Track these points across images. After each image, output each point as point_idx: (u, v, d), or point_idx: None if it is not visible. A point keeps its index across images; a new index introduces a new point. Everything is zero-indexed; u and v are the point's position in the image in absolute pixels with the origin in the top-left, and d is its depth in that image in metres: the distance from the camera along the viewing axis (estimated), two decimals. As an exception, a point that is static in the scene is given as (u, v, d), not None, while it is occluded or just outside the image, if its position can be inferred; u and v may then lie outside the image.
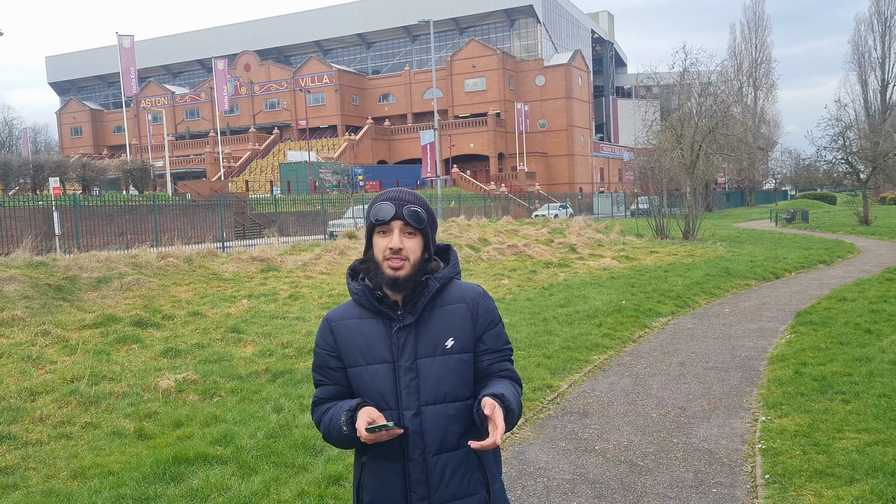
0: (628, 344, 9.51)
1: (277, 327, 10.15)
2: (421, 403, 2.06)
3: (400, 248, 2.06)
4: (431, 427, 2.06)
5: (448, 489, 2.07)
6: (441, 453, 2.06)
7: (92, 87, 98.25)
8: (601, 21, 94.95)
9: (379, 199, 2.12)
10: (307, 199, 33.86)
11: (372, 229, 2.12)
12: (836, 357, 7.80)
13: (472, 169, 69.31)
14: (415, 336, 2.09)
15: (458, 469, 2.08)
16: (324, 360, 2.18)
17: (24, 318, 9.85)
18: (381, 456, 2.09)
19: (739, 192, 77.15)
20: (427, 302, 2.10)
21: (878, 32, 72.51)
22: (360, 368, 2.11)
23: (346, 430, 2.01)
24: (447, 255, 2.22)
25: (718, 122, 30.21)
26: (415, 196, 2.13)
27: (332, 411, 2.10)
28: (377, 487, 2.10)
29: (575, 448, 5.67)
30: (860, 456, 5.00)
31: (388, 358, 2.09)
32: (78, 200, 21.51)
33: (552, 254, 20.86)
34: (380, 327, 2.12)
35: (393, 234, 2.07)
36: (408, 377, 2.07)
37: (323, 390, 2.18)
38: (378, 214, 2.08)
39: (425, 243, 2.12)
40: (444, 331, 2.10)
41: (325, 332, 2.18)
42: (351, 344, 2.13)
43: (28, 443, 5.67)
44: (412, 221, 2.06)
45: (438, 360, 2.08)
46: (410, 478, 2.06)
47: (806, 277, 16.54)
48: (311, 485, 4.75)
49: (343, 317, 2.18)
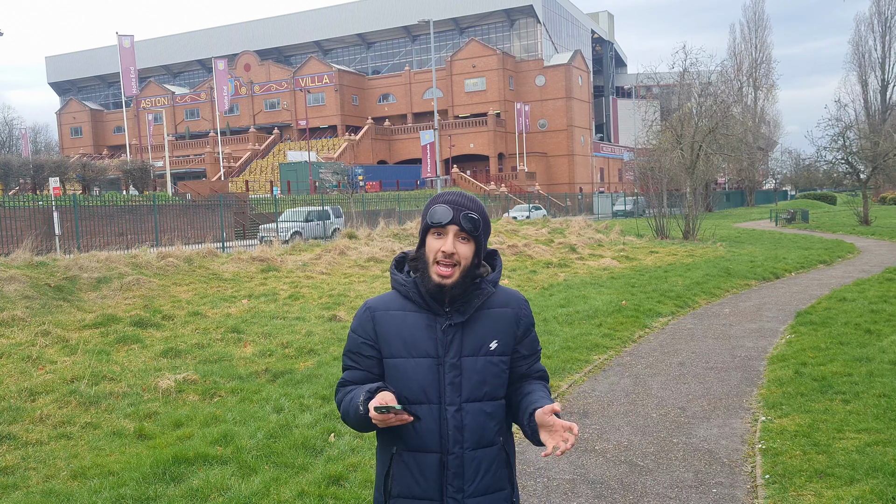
0: (628, 344, 9.51)
1: (277, 327, 10.15)
2: (462, 400, 2.13)
3: (453, 252, 2.10)
4: (472, 423, 2.13)
5: (481, 483, 2.14)
6: (478, 449, 2.13)
7: (92, 87, 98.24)
8: (601, 21, 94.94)
9: (436, 201, 2.16)
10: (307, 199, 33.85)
11: (427, 229, 2.15)
12: (837, 357, 7.80)
13: (472, 169, 69.30)
14: (461, 335, 2.15)
15: (492, 465, 2.16)
16: (358, 347, 2.21)
17: (24, 318, 9.85)
18: (417, 448, 2.13)
19: (739, 192, 77.13)
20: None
21: (878, 32, 72.49)
22: (401, 360, 2.15)
23: (361, 409, 2.04)
24: (493, 261, 2.28)
25: (718, 122, 30.20)
26: (473, 202, 2.15)
27: (355, 392, 2.14)
28: (410, 478, 2.14)
29: (575, 448, 5.67)
30: (860, 456, 5.00)
31: (432, 353, 2.14)
32: (78, 200, 21.52)
33: (552, 254, 20.86)
34: (425, 322, 2.16)
35: (448, 237, 2.11)
36: (452, 374, 2.12)
37: (351, 374, 2.22)
38: (435, 217, 2.11)
39: (477, 249, 2.16)
40: (489, 333, 2.17)
41: (366, 320, 2.20)
42: (395, 335, 2.16)
43: (28, 443, 5.67)
44: (467, 227, 2.10)
45: (482, 359, 2.15)
46: (448, 470, 2.11)
47: (806, 277, 16.54)
48: (311, 485, 4.75)
49: (387, 307, 2.21)
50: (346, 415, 2.15)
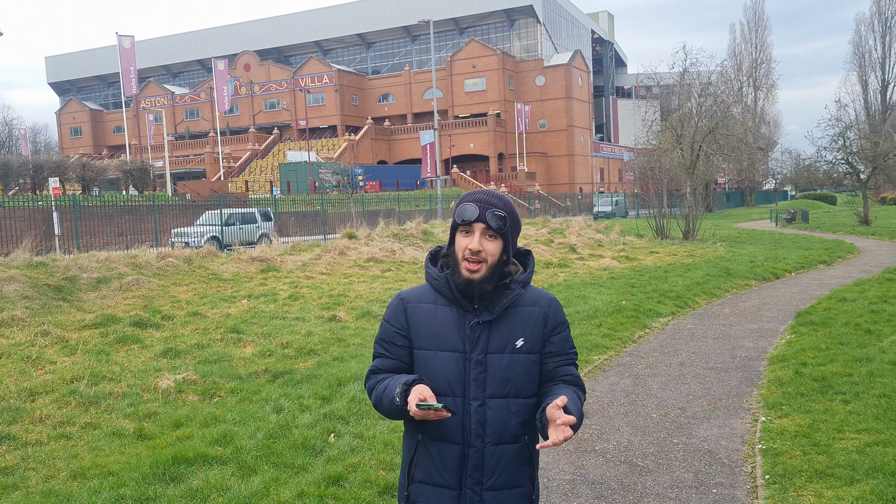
0: (628, 344, 9.51)
1: (277, 327, 10.14)
2: (486, 395, 2.17)
3: (479, 251, 2.14)
4: (494, 419, 2.17)
5: (500, 478, 2.19)
6: (499, 444, 2.18)
7: (92, 88, 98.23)
8: (601, 21, 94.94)
9: (465, 199, 2.20)
10: (307, 199, 33.86)
11: (456, 227, 2.20)
12: (837, 357, 7.79)
13: (472, 169, 69.30)
14: (489, 332, 2.19)
15: (512, 461, 2.20)
16: (391, 336, 2.26)
17: (24, 319, 9.85)
18: (441, 438, 2.19)
19: (739, 192, 77.12)
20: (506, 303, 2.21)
21: (878, 33, 72.55)
22: (429, 352, 2.21)
23: (398, 401, 2.08)
24: (525, 260, 2.33)
25: (718, 122, 30.22)
26: (500, 199, 2.19)
27: (389, 382, 2.18)
28: (432, 466, 2.20)
29: (575, 448, 5.67)
30: (860, 456, 5.00)
31: (459, 348, 2.19)
32: (77, 201, 21.51)
33: (552, 254, 20.86)
34: (454, 317, 2.20)
35: (474, 235, 2.15)
36: (477, 369, 2.17)
37: (382, 362, 2.28)
38: (463, 215, 2.15)
39: (504, 246, 2.20)
40: (516, 331, 2.20)
41: (399, 310, 2.27)
42: (424, 327, 2.22)
43: (28, 443, 5.67)
44: (494, 225, 2.14)
45: (507, 357, 2.19)
46: (468, 463, 2.17)
47: (806, 278, 16.54)
48: (311, 485, 4.75)
49: (419, 299, 2.26)
50: (380, 403, 2.19)
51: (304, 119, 68.80)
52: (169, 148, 54.41)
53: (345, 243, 19.85)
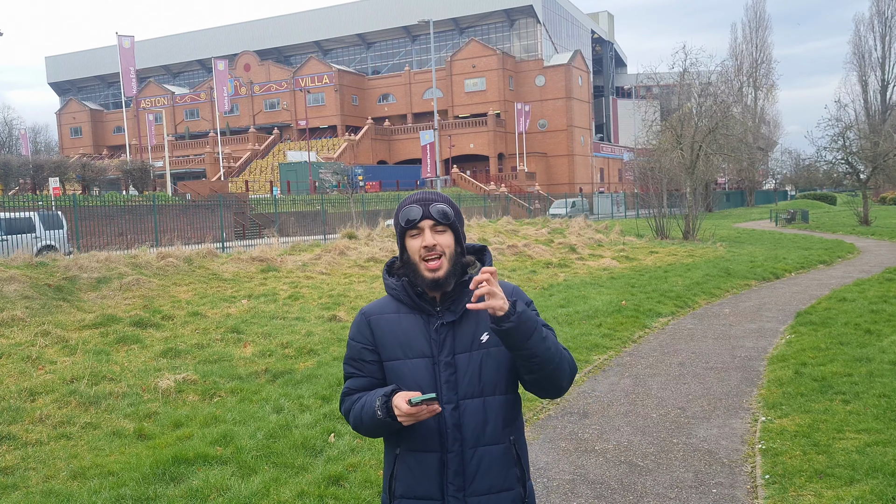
0: (628, 344, 9.51)
1: (277, 327, 10.14)
2: (459, 397, 2.13)
3: (434, 245, 2.13)
4: (469, 420, 2.13)
5: (484, 482, 2.13)
6: (478, 447, 2.13)
7: (92, 88, 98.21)
8: (601, 21, 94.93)
9: (405, 204, 2.19)
10: (307, 199, 33.86)
11: (404, 233, 2.18)
12: (837, 357, 7.80)
13: (472, 169, 69.26)
14: (453, 333, 2.16)
15: (495, 463, 2.14)
16: (359, 353, 2.23)
17: (24, 319, 9.85)
18: (417, 448, 2.15)
19: (739, 192, 77.10)
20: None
21: (878, 33, 72.49)
22: (398, 362, 2.17)
23: (380, 414, 2.05)
24: (482, 256, 2.29)
25: (718, 122, 30.20)
26: (438, 195, 2.21)
27: (366, 399, 2.15)
28: (412, 478, 2.16)
29: (575, 448, 5.67)
30: (860, 456, 5.00)
31: (427, 353, 2.16)
32: (78, 201, 21.51)
33: (552, 254, 20.86)
34: (419, 322, 2.18)
35: (424, 232, 2.14)
36: (447, 372, 2.13)
37: (355, 381, 2.24)
38: (408, 216, 2.15)
39: (456, 237, 2.19)
40: (480, 326, 2.16)
41: (363, 325, 2.24)
42: (390, 338, 2.19)
43: (28, 443, 5.67)
44: (440, 218, 2.14)
45: (475, 354, 2.15)
46: (448, 469, 2.12)
47: (806, 278, 16.54)
48: (311, 485, 4.75)
49: (381, 311, 2.24)
50: (360, 421, 2.15)
51: (304, 119, 68.78)
52: (169, 148, 54.40)
53: (345, 243, 19.86)
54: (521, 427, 2.25)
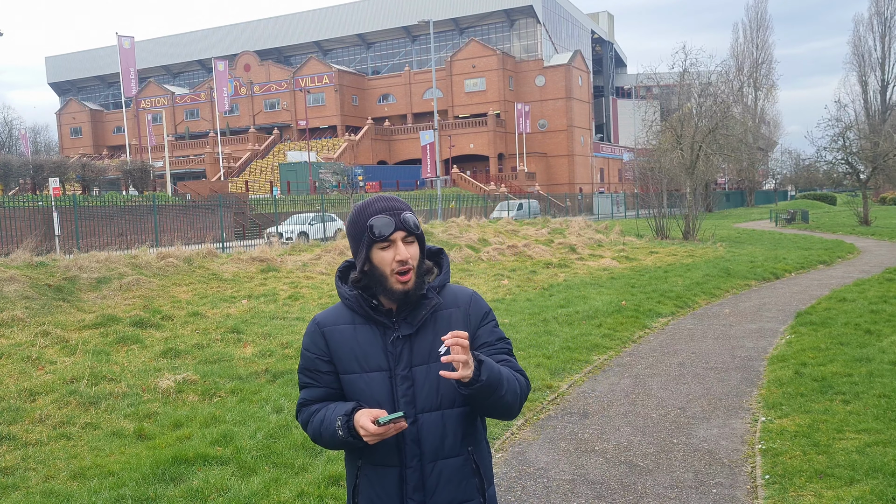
0: (628, 344, 9.51)
1: (277, 328, 10.14)
2: (417, 411, 2.07)
3: (408, 258, 2.05)
4: (428, 434, 2.07)
5: (444, 495, 2.09)
6: (437, 460, 2.08)
7: (92, 88, 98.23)
8: (601, 21, 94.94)
9: (371, 213, 2.07)
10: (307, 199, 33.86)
11: (370, 244, 2.07)
12: (836, 357, 7.79)
13: (472, 169, 69.29)
14: (410, 345, 2.09)
15: (455, 475, 2.10)
16: (314, 364, 2.15)
17: (24, 319, 9.84)
18: (377, 462, 2.09)
19: (739, 192, 77.12)
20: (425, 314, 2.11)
21: (877, 33, 72.52)
22: (355, 376, 2.10)
23: (341, 434, 2.00)
24: (439, 260, 2.21)
25: (718, 122, 30.22)
26: (399, 201, 2.11)
27: (325, 414, 2.08)
28: (373, 492, 2.11)
29: (575, 448, 5.67)
30: (860, 456, 5.00)
31: (384, 366, 2.08)
32: (78, 201, 21.51)
33: (552, 254, 20.86)
34: (374, 334, 2.11)
35: (397, 245, 2.05)
36: (404, 386, 2.07)
37: (310, 392, 2.17)
38: (380, 230, 2.04)
39: (421, 245, 2.12)
40: (436, 337, 2.09)
41: (316, 336, 2.15)
42: (346, 350, 2.11)
43: (28, 443, 5.67)
44: (412, 228, 2.07)
45: (433, 366, 2.06)
46: (407, 484, 2.08)
47: (806, 278, 16.54)
48: (311, 485, 4.75)
49: (336, 322, 2.15)
50: (318, 437, 2.10)
51: (304, 119, 68.80)
52: (169, 148, 54.39)
53: (345, 244, 19.85)
54: (480, 436, 2.20)
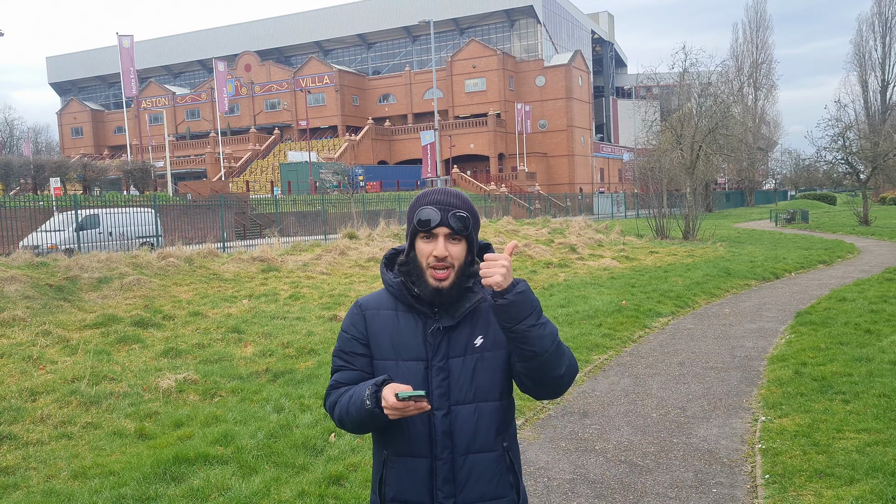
0: (628, 344, 9.52)
1: (278, 327, 10.15)
2: (451, 403, 2.05)
3: (445, 256, 2.01)
4: (461, 427, 2.05)
5: (475, 489, 2.06)
6: (469, 454, 2.06)
7: (92, 88, 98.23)
8: (601, 21, 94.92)
9: (422, 202, 2.07)
10: (308, 199, 33.84)
11: (416, 232, 2.06)
12: (836, 357, 7.80)
13: (473, 169, 69.27)
14: (449, 337, 2.07)
15: (487, 470, 2.07)
16: (351, 346, 2.13)
17: (25, 319, 9.85)
18: (406, 453, 2.07)
19: (739, 192, 77.11)
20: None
21: (878, 33, 72.42)
22: (390, 363, 2.08)
23: (368, 403, 1.94)
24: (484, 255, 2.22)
25: (718, 122, 30.23)
26: (460, 198, 2.07)
27: (355, 390, 2.04)
28: (402, 484, 2.09)
29: (575, 448, 5.67)
30: (860, 456, 5.01)
31: (422, 356, 2.07)
32: (78, 201, 21.51)
33: (552, 254, 20.86)
34: (416, 323, 2.09)
35: (438, 240, 2.02)
36: (439, 377, 2.05)
37: (343, 375, 2.13)
38: (423, 218, 2.02)
39: (469, 247, 2.07)
40: (476, 330, 2.08)
41: (357, 318, 2.14)
42: (385, 337, 2.10)
43: (29, 443, 5.68)
44: (457, 228, 2.02)
45: (469, 358, 2.06)
46: (437, 476, 2.05)
47: (806, 277, 16.54)
48: (312, 485, 4.76)
49: (378, 306, 2.14)
50: (346, 414, 2.04)
51: (305, 119, 68.75)
52: (170, 148, 54.38)
53: (345, 243, 19.87)
54: (514, 433, 2.18)
